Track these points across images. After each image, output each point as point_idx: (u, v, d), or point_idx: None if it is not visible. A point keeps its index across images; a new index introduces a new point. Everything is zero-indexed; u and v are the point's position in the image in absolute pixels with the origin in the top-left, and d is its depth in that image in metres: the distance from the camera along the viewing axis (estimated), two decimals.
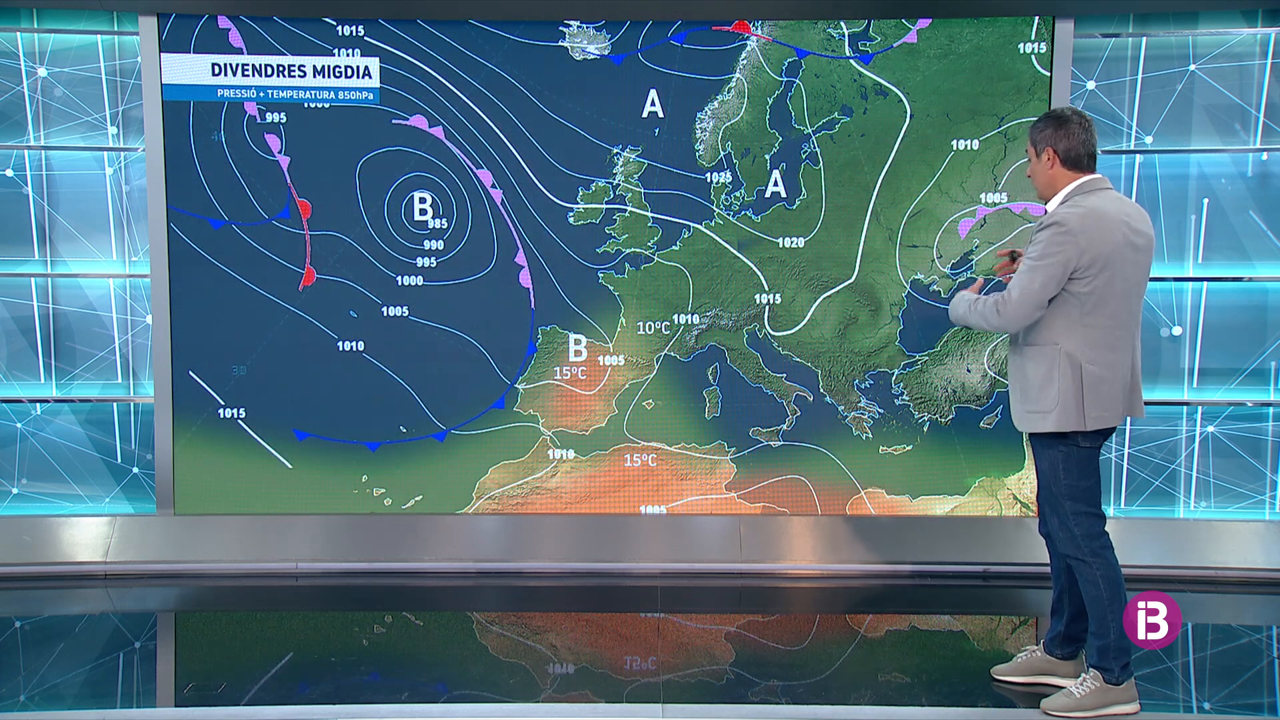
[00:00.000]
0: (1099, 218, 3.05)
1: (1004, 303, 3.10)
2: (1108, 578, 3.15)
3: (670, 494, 4.76)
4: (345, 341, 4.69)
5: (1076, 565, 3.20)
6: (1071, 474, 3.16)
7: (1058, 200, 3.16)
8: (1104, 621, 3.15)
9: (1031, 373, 3.16)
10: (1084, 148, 3.14)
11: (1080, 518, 3.16)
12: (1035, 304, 3.07)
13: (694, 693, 3.44)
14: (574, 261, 4.67)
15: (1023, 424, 3.22)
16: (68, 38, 4.64)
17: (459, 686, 3.51)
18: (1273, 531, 4.63)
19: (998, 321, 3.13)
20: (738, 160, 4.63)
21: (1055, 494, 3.19)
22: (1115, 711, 3.17)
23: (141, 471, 4.79)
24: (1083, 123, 3.14)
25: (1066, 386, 3.10)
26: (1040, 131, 3.19)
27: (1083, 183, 3.14)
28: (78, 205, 4.72)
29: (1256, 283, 4.68)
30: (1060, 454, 3.16)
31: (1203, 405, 4.73)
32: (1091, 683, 3.18)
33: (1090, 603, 3.19)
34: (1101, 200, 3.10)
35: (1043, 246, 3.06)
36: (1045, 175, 3.19)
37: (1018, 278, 3.11)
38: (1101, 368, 3.10)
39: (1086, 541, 3.16)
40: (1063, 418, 3.11)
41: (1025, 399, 3.19)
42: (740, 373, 4.71)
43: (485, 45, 4.59)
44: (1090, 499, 3.17)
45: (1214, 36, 4.58)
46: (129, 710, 3.33)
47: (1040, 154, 3.19)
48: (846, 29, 4.58)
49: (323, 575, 4.61)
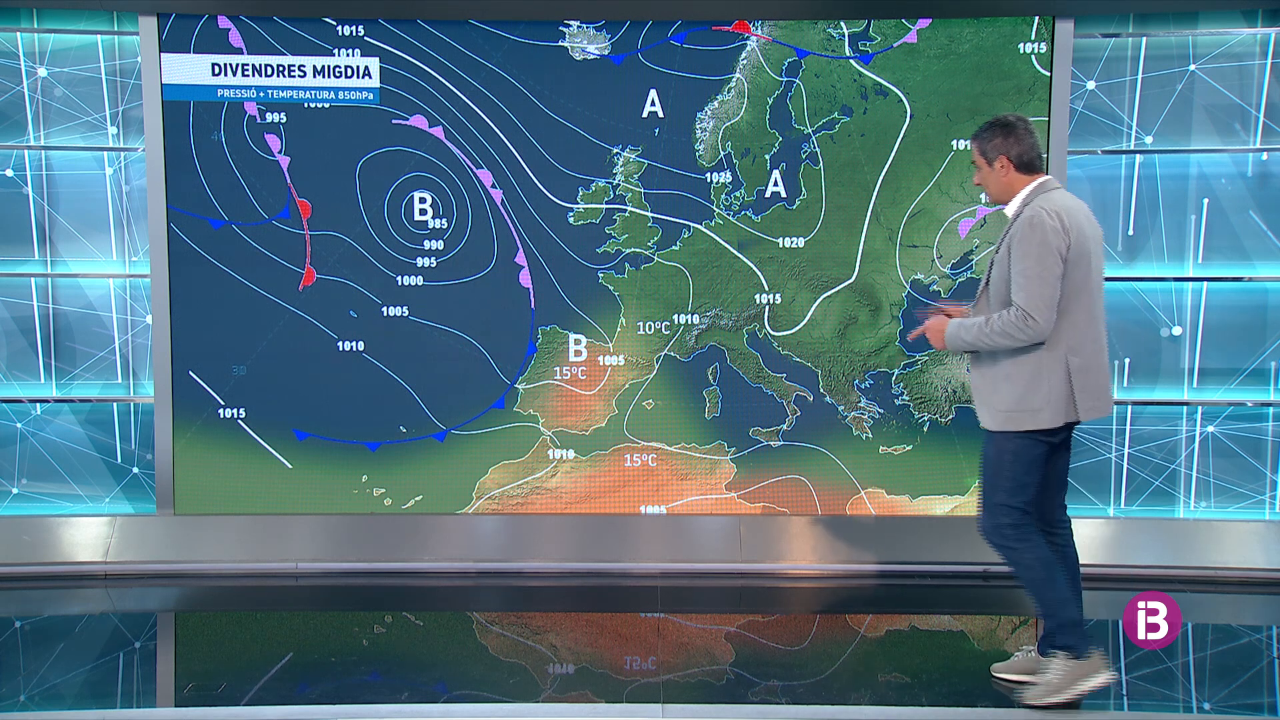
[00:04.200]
0: (1070, 212, 3.16)
1: (1025, 316, 3.08)
2: (1039, 558, 3.22)
3: (670, 494, 4.76)
4: (345, 341, 4.69)
5: (1005, 553, 3.26)
6: (1018, 469, 3.22)
7: (1017, 202, 3.25)
8: (1048, 604, 3.24)
9: (1015, 372, 3.18)
10: (1034, 150, 3.25)
11: (1011, 511, 3.23)
12: (1054, 305, 3.11)
13: (694, 693, 3.44)
14: (574, 261, 4.67)
15: (1003, 424, 3.22)
16: (68, 38, 4.64)
17: (459, 686, 3.51)
18: (1273, 531, 4.63)
19: (1028, 334, 3.11)
20: (738, 160, 4.63)
21: (996, 484, 3.25)
22: (1091, 684, 3.25)
23: (141, 471, 4.80)
24: (1028, 127, 3.26)
25: (1056, 383, 3.15)
26: (989, 141, 3.26)
27: (1041, 183, 3.24)
28: (78, 205, 4.72)
29: (1256, 283, 4.68)
30: (1016, 447, 3.21)
31: (1203, 405, 4.73)
32: (1060, 664, 3.26)
33: (1029, 587, 3.26)
34: (1062, 197, 3.21)
35: (1037, 248, 3.09)
36: (1000, 182, 3.27)
37: (1026, 287, 3.09)
38: (1084, 358, 3.17)
39: (1012, 530, 3.23)
40: (1055, 413, 3.16)
41: (1008, 400, 3.20)
42: (740, 373, 4.71)
43: (485, 45, 4.59)
44: (1025, 496, 3.24)
45: (1214, 36, 4.58)
46: (129, 710, 3.33)
47: (992, 162, 3.26)
48: (846, 29, 4.58)
49: (323, 575, 4.61)
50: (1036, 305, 3.08)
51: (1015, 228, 3.16)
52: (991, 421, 3.26)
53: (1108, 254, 4.69)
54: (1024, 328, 3.10)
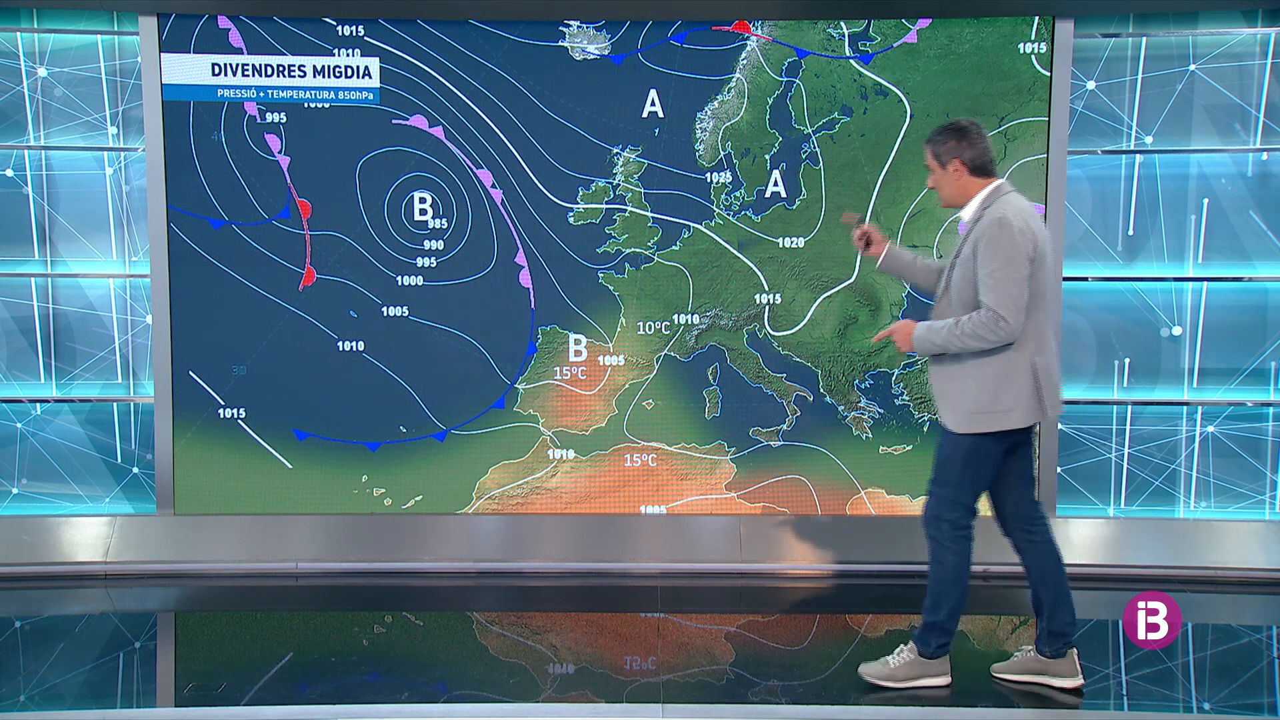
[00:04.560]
0: (1029, 214, 3.21)
1: (997, 317, 3.11)
2: (957, 564, 3.29)
3: (670, 494, 4.76)
4: (345, 341, 4.69)
5: (933, 545, 3.32)
6: (971, 465, 3.26)
7: (974, 206, 3.28)
8: (939, 600, 3.31)
9: (983, 374, 3.21)
10: (988, 155, 3.29)
11: (958, 507, 3.28)
12: (1024, 306, 3.14)
13: (694, 693, 3.44)
14: (574, 261, 4.67)
15: (969, 425, 3.24)
16: (68, 38, 4.64)
17: (459, 686, 3.51)
18: (1273, 531, 4.63)
19: (999, 335, 3.13)
20: (738, 160, 4.63)
21: (945, 477, 3.28)
22: (926, 683, 3.36)
23: (141, 471, 4.80)
24: (980, 131, 3.30)
25: (1024, 383, 3.20)
26: (943, 145, 3.29)
27: (996, 187, 3.28)
28: (78, 205, 4.72)
29: (1256, 283, 4.68)
30: (972, 444, 3.24)
31: (1203, 405, 4.73)
32: (907, 654, 3.37)
33: (933, 581, 3.32)
34: (1020, 201, 3.26)
35: (1006, 250, 3.12)
36: (954, 185, 3.31)
37: (995, 288, 3.12)
38: (1046, 358, 3.24)
39: (951, 529, 3.28)
40: (1025, 414, 3.21)
41: (976, 402, 3.22)
42: (740, 373, 4.71)
43: (485, 45, 4.59)
44: (975, 495, 3.31)
45: (1214, 36, 4.58)
46: (129, 710, 3.33)
47: (946, 166, 3.29)
48: (846, 29, 4.58)
49: (323, 575, 4.61)
50: (1007, 306, 3.11)
51: (981, 230, 3.18)
52: (959, 423, 3.27)
53: (1107, 254, 4.70)
54: (995, 329, 3.12)
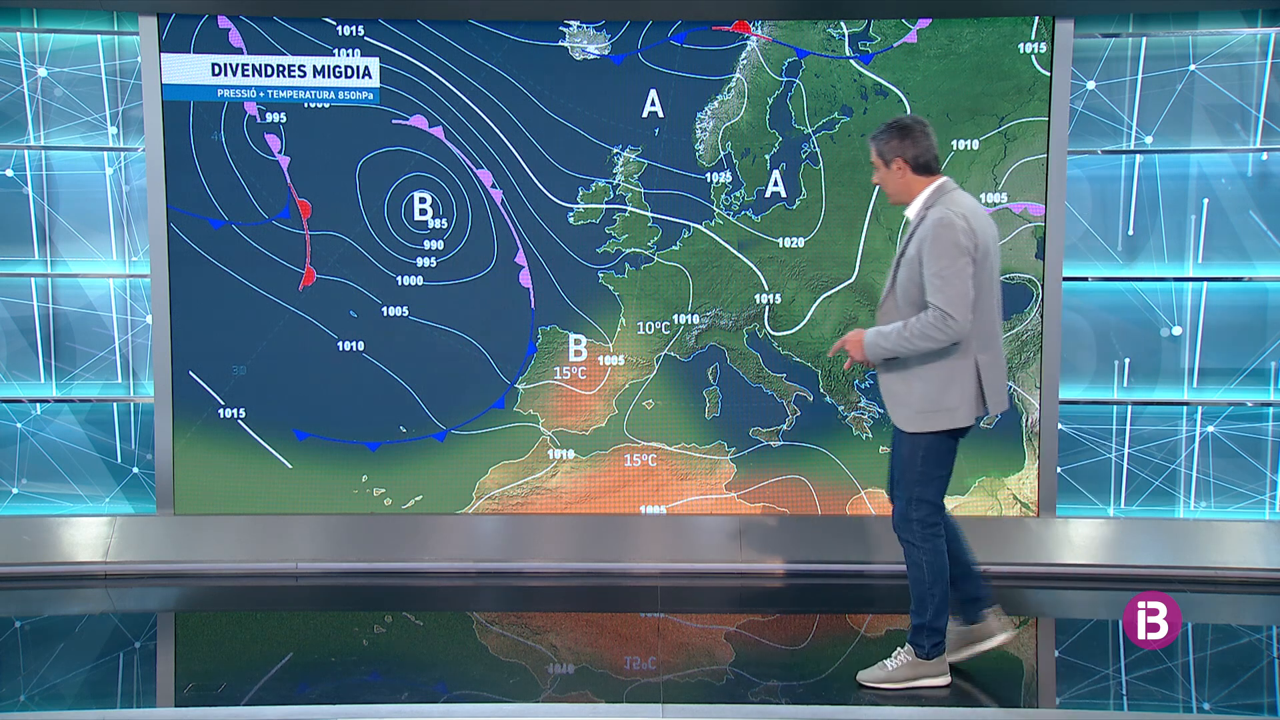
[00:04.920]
0: (973, 213, 3.23)
1: (945, 316, 3.12)
2: (932, 564, 3.32)
3: (670, 494, 4.76)
4: (345, 341, 4.69)
5: (907, 548, 3.36)
6: (929, 463, 3.29)
7: (918, 203, 3.30)
8: (923, 602, 3.34)
9: (928, 373, 3.23)
10: (930, 153, 3.30)
11: (924, 505, 3.31)
12: (970, 303, 3.16)
13: (694, 693, 3.44)
14: (574, 261, 4.67)
15: (917, 424, 3.27)
16: (68, 38, 4.64)
17: (459, 686, 3.51)
18: (1273, 531, 4.63)
19: (948, 334, 3.15)
20: (738, 160, 4.63)
21: (908, 479, 3.31)
22: (925, 683, 3.39)
23: (141, 471, 4.80)
24: (925, 129, 3.30)
25: (968, 382, 3.24)
26: (886, 143, 3.31)
27: (941, 184, 3.30)
28: (78, 205, 4.72)
29: (1256, 283, 4.68)
30: (924, 443, 3.27)
31: (1203, 405, 4.73)
32: (904, 656, 3.42)
33: (913, 584, 3.36)
34: (963, 198, 3.27)
35: (950, 249, 3.13)
36: (898, 183, 3.33)
37: (943, 288, 3.14)
38: (990, 355, 3.27)
39: (920, 527, 3.31)
40: (968, 411, 3.26)
41: (923, 401, 3.25)
42: (740, 373, 4.71)
43: (485, 45, 4.59)
44: (939, 490, 3.33)
45: (1214, 36, 4.58)
46: (129, 710, 3.34)
47: (889, 164, 3.32)
48: (846, 29, 4.58)
49: (323, 575, 4.61)
50: (955, 305, 3.12)
51: (925, 230, 3.20)
52: (907, 422, 3.30)
53: (1107, 254, 4.70)
54: (944, 328, 3.13)
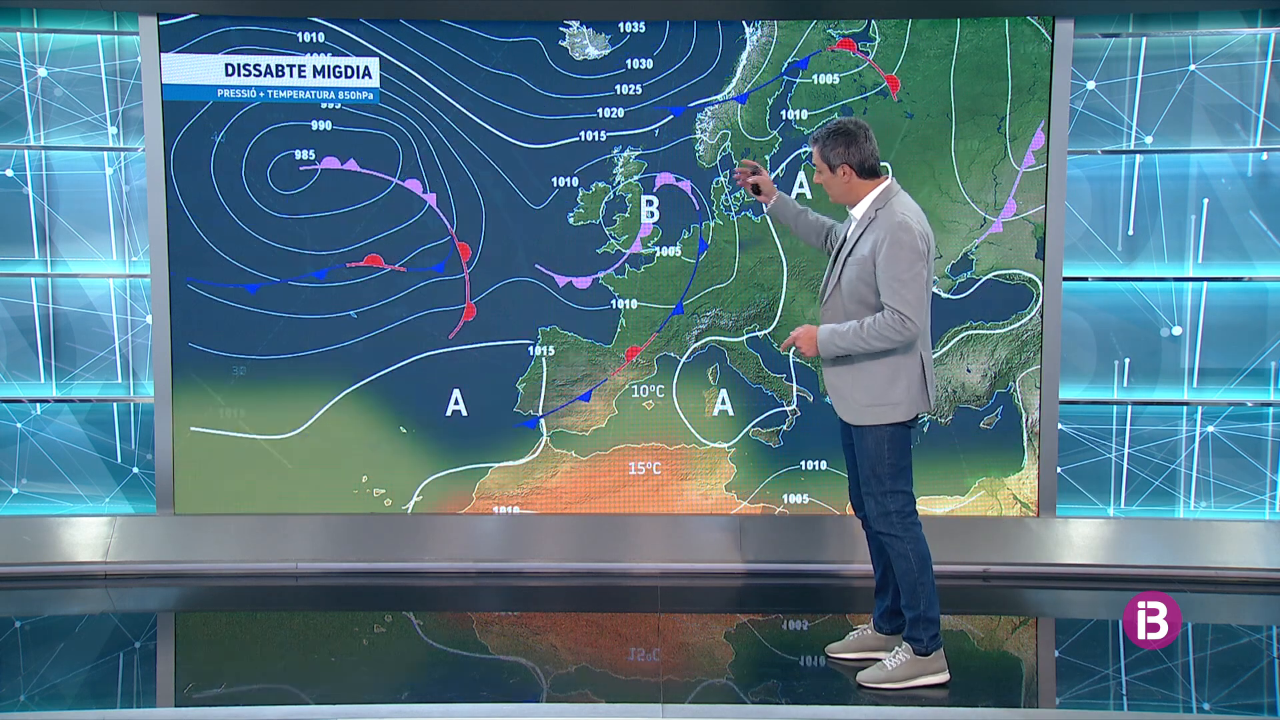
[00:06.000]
0: (919, 216, 3.34)
1: (903, 319, 3.20)
2: (917, 552, 3.35)
3: (670, 494, 4.76)
4: (346, 341, 4.69)
5: (889, 541, 3.38)
6: (894, 454, 3.35)
7: (865, 205, 3.37)
8: (914, 594, 3.35)
9: (874, 368, 3.31)
10: (874, 157, 3.37)
11: (898, 495, 3.35)
12: (926, 305, 3.28)
13: (694, 693, 3.44)
14: (574, 262, 4.67)
15: (864, 418, 3.35)
16: (68, 38, 4.64)
17: (459, 686, 3.51)
18: (1273, 531, 4.63)
19: (905, 335, 3.23)
20: (738, 160, 4.63)
21: (879, 474, 3.35)
22: (926, 681, 3.39)
23: (141, 471, 4.79)
24: (868, 134, 3.36)
25: (914, 378, 3.32)
26: (831, 149, 3.36)
27: (887, 187, 3.38)
28: (78, 205, 4.72)
29: (1256, 283, 4.67)
30: (887, 434, 3.33)
31: (1203, 405, 4.73)
32: (903, 654, 3.41)
33: (902, 576, 3.38)
34: (908, 200, 3.38)
35: (908, 253, 3.21)
36: (843, 187, 3.39)
37: (901, 290, 3.21)
38: (928, 351, 3.37)
39: (899, 518, 3.35)
40: (911, 406, 3.34)
41: (869, 395, 3.32)
42: (740, 373, 4.71)
43: (485, 45, 4.58)
44: (907, 477, 3.40)
45: (1214, 36, 4.58)
46: (129, 710, 3.34)
47: (835, 169, 3.37)
48: (847, 29, 4.57)
49: (323, 575, 4.61)
50: (913, 307, 3.21)
51: (880, 232, 3.26)
52: (853, 416, 3.37)
53: (1107, 254, 4.70)
54: (901, 330, 3.21)
